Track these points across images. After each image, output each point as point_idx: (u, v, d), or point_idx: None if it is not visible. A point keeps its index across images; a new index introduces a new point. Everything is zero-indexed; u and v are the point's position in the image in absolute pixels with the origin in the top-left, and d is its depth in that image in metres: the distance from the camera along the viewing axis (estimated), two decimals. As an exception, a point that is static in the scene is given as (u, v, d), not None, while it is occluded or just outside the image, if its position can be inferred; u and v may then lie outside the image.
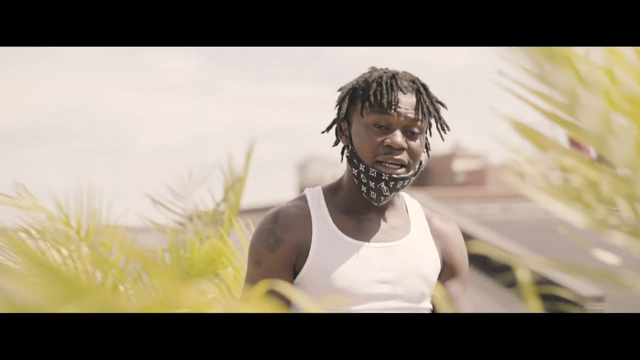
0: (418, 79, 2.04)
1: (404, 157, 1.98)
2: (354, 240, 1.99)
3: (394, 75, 2.01)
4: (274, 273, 1.95)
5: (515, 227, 10.70)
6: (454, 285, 2.09)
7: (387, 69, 2.04)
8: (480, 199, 12.82)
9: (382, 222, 2.04)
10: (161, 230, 3.11)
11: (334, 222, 2.00)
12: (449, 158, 26.38)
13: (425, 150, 2.09)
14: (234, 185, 3.18)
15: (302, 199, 2.04)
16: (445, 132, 2.08)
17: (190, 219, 3.22)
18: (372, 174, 1.96)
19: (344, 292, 1.93)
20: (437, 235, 2.09)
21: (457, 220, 9.42)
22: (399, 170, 1.97)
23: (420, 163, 2.04)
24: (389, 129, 1.97)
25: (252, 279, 1.97)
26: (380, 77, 2.01)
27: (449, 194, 13.90)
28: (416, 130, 1.99)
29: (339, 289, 1.93)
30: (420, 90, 2.02)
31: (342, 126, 2.06)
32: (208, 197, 3.32)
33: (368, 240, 2.00)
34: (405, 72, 2.04)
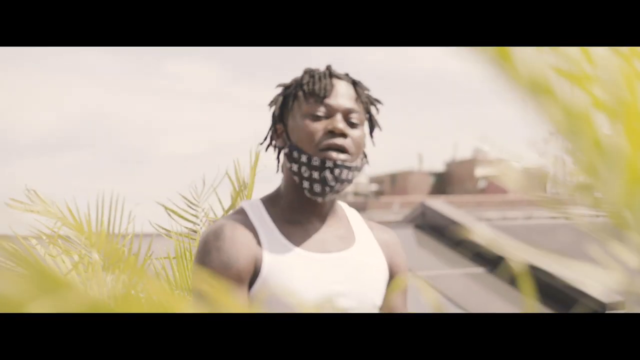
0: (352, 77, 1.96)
1: (347, 143, 1.86)
2: (306, 252, 1.86)
3: (327, 68, 1.94)
4: (235, 291, 1.79)
5: (537, 233, 10.62)
6: (397, 296, 2.01)
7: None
8: (502, 205, 12.76)
9: (329, 232, 1.92)
10: (169, 236, 3.08)
11: (282, 233, 1.86)
12: (470, 164, 26.28)
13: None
14: (241, 192, 3.15)
15: (241, 212, 1.90)
16: (375, 130, 1.98)
17: (201, 226, 3.20)
18: (316, 163, 1.84)
19: (302, 307, 1.79)
20: (382, 244, 1.99)
21: (478, 226, 9.35)
22: (342, 157, 1.85)
23: (363, 159, 1.93)
24: (328, 116, 1.87)
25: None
26: (313, 70, 1.93)
27: (469, 200, 13.85)
28: (355, 120, 1.89)
29: (295, 305, 1.78)
30: (355, 82, 1.94)
31: (277, 130, 1.95)
32: (218, 205, 3.31)
33: (318, 251, 1.88)
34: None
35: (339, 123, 1.86)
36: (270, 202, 1.92)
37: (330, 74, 1.92)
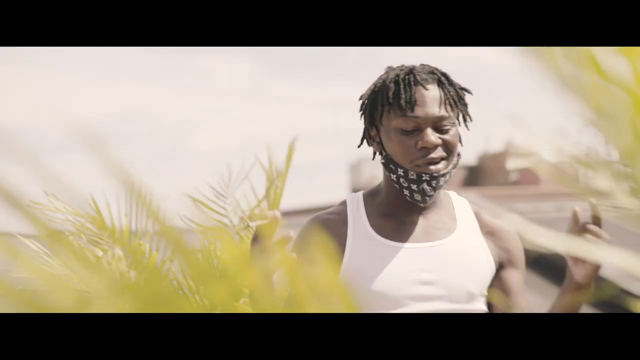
0: (437, 68, 1.94)
1: (440, 153, 1.89)
2: (392, 242, 1.92)
3: (410, 71, 1.91)
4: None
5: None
6: (512, 278, 1.97)
7: (403, 65, 1.95)
8: (534, 198, 12.66)
9: (425, 223, 1.95)
10: (198, 230, 3.01)
11: (372, 225, 1.93)
12: (502, 156, 26.14)
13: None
14: (273, 184, 3.09)
15: (343, 203, 2.00)
16: (468, 123, 1.98)
17: (231, 219, 3.14)
18: (413, 177, 1.88)
19: (383, 296, 1.86)
20: (488, 232, 1.99)
21: (509, 218, 9.29)
22: (439, 167, 1.88)
23: (458, 155, 1.94)
24: (419, 130, 1.88)
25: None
26: (397, 76, 1.91)
27: (502, 192, 13.76)
28: (447, 123, 1.90)
29: (377, 293, 1.86)
30: (441, 80, 1.92)
31: (370, 133, 1.98)
32: (250, 196, 3.23)
33: (407, 241, 1.92)
34: (422, 65, 1.94)
35: (430, 137, 1.87)
36: (370, 196, 1.99)
37: (415, 80, 1.90)
